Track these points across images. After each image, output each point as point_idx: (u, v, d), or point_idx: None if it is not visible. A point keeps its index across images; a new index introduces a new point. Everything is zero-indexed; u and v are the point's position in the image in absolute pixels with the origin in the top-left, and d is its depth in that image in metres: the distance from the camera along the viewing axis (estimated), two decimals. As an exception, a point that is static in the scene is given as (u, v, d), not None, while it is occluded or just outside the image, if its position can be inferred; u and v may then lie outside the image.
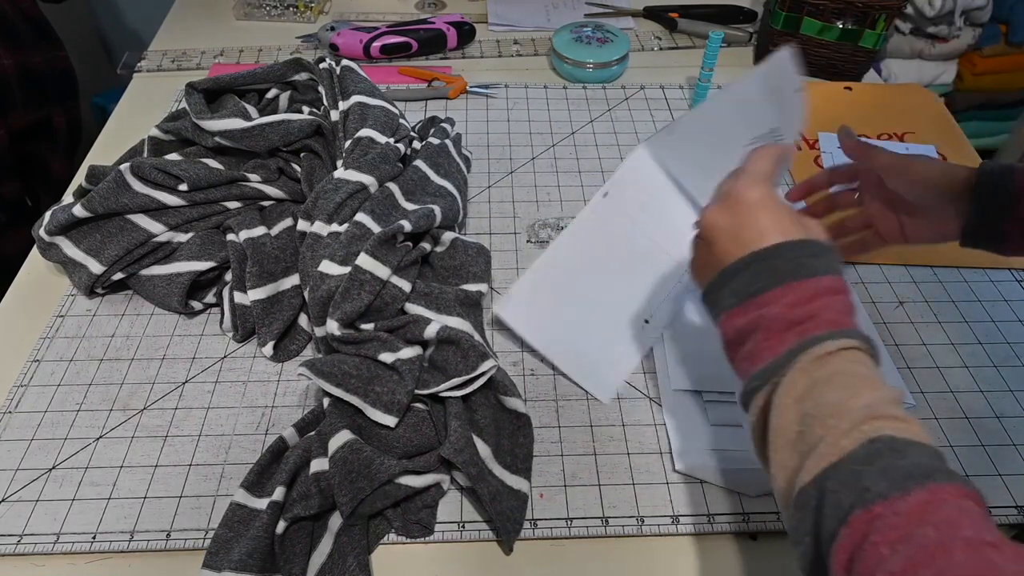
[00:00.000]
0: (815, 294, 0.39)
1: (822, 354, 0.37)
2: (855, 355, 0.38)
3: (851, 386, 0.36)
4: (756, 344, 0.40)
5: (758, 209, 0.43)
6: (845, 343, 0.37)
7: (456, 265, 0.64)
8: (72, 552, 0.50)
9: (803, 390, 0.36)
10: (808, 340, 0.38)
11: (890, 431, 0.33)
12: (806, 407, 0.36)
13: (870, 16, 0.90)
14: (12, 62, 1.00)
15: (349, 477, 0.49)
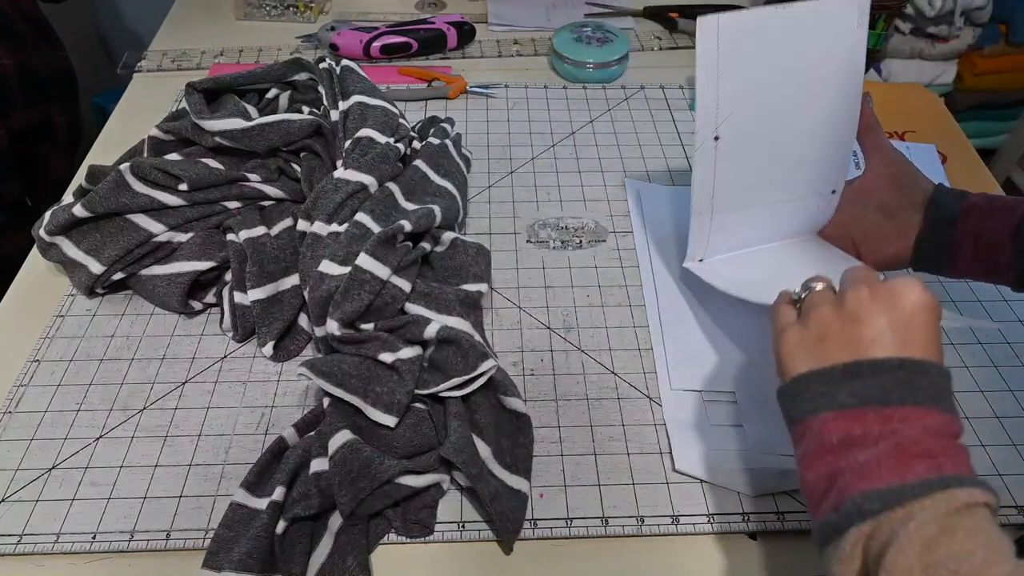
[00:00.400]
0: (950, 433, 0.36)
1: (965, 503, 0.33)
2: (988, 514, 0.34)
3: (996, 548, 0.31)
4: (875, 459, 0.35)
5: (927, 315, 0.38)
6: (985, 497, 0.34)
7: (456, 265, 0.64)
8: (72, 552, 0.50)
9: (936, 537, 0.32)
10: (950, 478, 0.33)
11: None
12: (937, 557, 0.31)
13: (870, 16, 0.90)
14: (12, 62, 1.00)
15: (349, 477, 0.49)
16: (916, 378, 0.36)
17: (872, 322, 0.38)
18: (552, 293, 0.68)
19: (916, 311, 0.38)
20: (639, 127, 0.88)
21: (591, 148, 0.84)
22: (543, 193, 0.78)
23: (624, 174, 0.81)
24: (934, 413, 0.36)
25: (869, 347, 0.38)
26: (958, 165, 0.83)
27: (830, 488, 0.36)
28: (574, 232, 0.74)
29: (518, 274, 0.70)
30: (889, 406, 0.36)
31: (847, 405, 0.37)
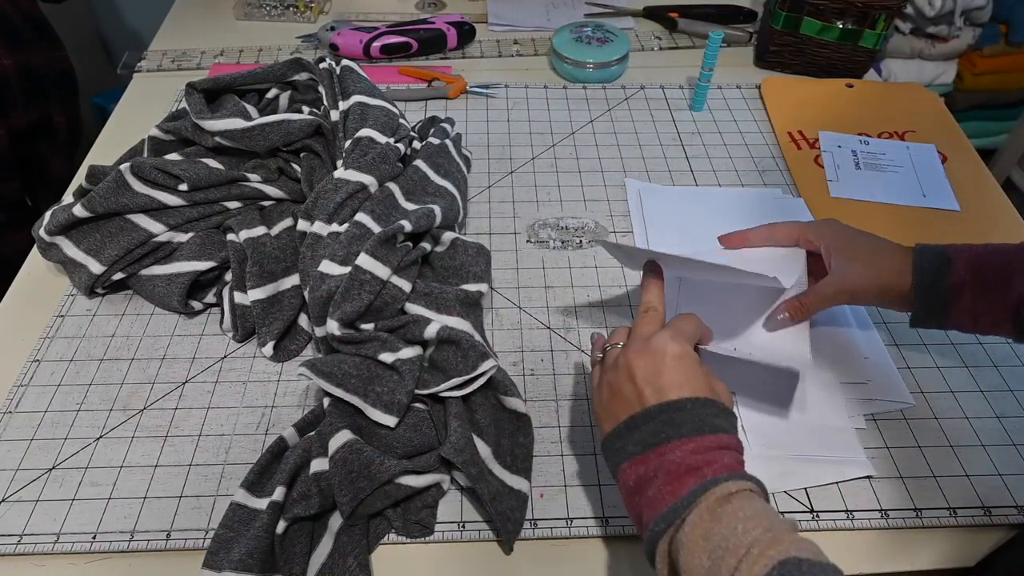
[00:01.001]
0: (713, 447, 0.42)
1: (723, 495, 0.39)
2: (751, 496, 0.40)
3: (754, 518, 0.38)
4: (657, 489, 0.41)
5: (677, 362, 0.45)
6: (743, 484, 0.40)
7: (456, 265, 0.64)
8: (72, 552, 0.50)
9: (709, 527, 0.38)
10: (708, 482, 0.40)
11: (795, 552, 0.36)
12: (714, 542, 0.37)
13: (870, 16, 0.90)
14: (12, 62, 1.00)
15: (349, 477, 0.49)
16: (676, 416, 0.43)
17: (637, 379, 0.45)
18: (552, 293, 0.68)
19: (673, 360, 0.45)
20: (639, 127, 0.88)
21: (591, 148, 0.84)
22: (543, 193, 0.78)
23: (624, 174, 0.81)
24: (696, 439, 0.42)
25: (639, 400, 0.44)
26: (958, 165, 0.83)
27: (641, 524, 0.42)
28: (574, 232, 0.74)
29: (518, 274, 0.70)
30: (660, 445, 0.42)
31: (634, 454, 0.43)
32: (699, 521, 0.38)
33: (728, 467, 0.41)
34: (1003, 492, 0.54)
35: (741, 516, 0.38)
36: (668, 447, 0.42)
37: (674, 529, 0.39)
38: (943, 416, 0.59)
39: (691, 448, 0.41)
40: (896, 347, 0.64)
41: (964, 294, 0.52)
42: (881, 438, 0.57)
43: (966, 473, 0.55)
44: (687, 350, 0.46)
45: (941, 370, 0.62)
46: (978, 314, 0.52)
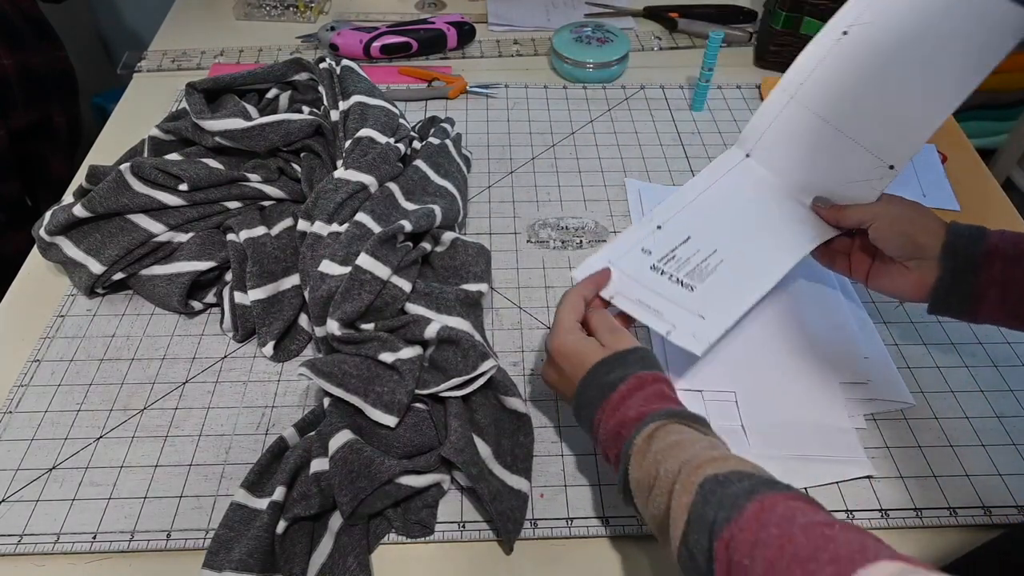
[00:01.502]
0: (619, 402, 0.46)
1: (640, 446, 0.43)
2: (666, 431, 0.44)
3: (670, 455, 0.42)
4: (612, 462, 0.47)
5: (563, 358, 0.51)
6: (651, 428, 0.44)
7: (456, 265, 0.64)
8: (72, 552, 0.50)
9: (643, 482, 0.43)
10: (627, 444, 0.44)
11: (712, 471, 0.39)
12: (652, 494, 0.42)
13: (870, 16, 0.90)
14: (12, 62, 1.00)
15: (349, 477, 0.49)
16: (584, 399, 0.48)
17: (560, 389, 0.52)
18: (552, 293, 0.68)
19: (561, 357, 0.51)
20: (639, 127, 0.88)
21: (591, 148, 0.84)
22: (543, 193, 0.78)
23: (624, 174, 0.81)
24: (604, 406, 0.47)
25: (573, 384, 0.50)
26: (958, 165, 0.83)
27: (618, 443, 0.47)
28: (574, 232, 0.74)
29: (518, 274, 0.70)
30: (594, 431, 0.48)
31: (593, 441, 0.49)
32: (637, 482, 0.43)
33: (638, 417, 0.45)
34: (1003, 492, 0.54)
35: (660, 459, 0.42)
36: (596, 428, 0.47)
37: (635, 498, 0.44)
38: (943, 416, 0.59)
39: (607, 417, 0.46)
40: (896, 347, 0.64)
41: (996, 262, 0.51)
42: (881, 438, 0.57)
43: (966, 473, 0.55)
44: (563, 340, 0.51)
45: (941, 370, 0.62)
46: (1007, 288, 0.51)
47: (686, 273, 0.58)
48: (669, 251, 0.59)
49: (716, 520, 0.37)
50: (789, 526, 0.34)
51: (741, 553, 0.35)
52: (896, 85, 0.55)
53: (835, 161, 0.58)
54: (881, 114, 0.56)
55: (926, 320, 0.66)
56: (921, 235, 0.53)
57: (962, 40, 0.55)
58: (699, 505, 0.38)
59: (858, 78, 0.56)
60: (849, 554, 0.32)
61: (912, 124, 0.56)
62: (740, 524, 0.36)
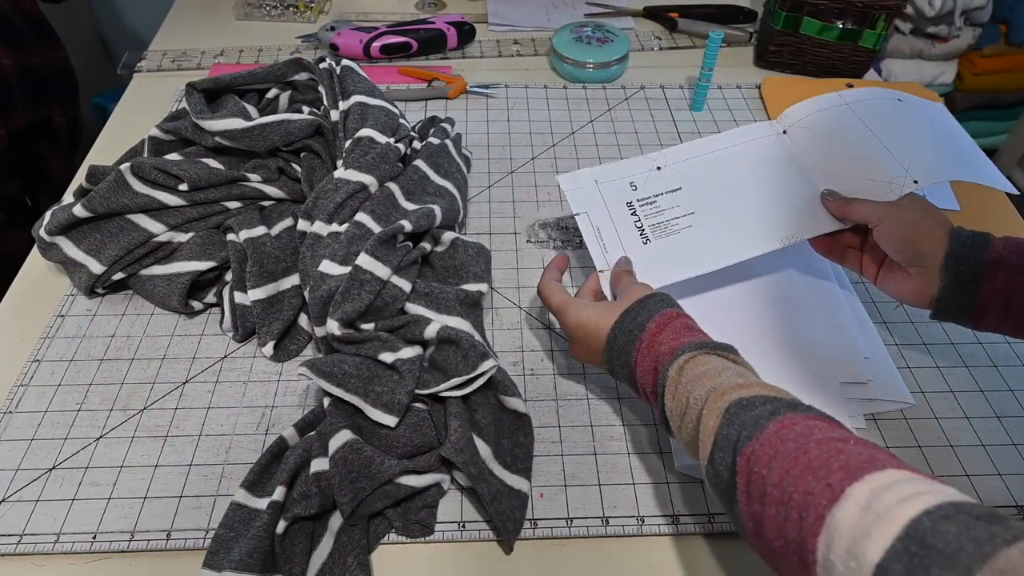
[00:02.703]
0: (651, 340, 0.49)
1: (671, 381, 0.46)
2: (695, 362, 0.46)
3: (698, 385, 0.44)
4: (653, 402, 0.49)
5: (581, 328, 0.54)
6: (681, 360, 0.47)
7: (456, 265, 0.64)
8: (72, 552, 0.50)
9: (676, 411, 0.46)
10: (660, 379, 0.47)
11: (736, 396, 0.42)
12: (685, 420, 0.45)
13: (870, 16, 0.90)
14: (12, 62, 1.00)
15: (349, 477, 0.49)
16: (616, 349, 0.51)
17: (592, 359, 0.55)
18: (552, 293, 0.68)
19: (577, 329, 0.54)
20: (639, 127, 0.88)
21: (591, 148, 0.84)
22: (543, 193, 0.78)
23: (624, 174, 0.81)
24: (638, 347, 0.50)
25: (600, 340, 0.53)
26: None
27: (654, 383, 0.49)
28: (574, 232, 0.74)
29: (518, 274, 0.70)
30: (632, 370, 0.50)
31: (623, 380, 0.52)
32: (671, 410, 0.46)
33: (670, 351, 0.48)
34: (1003, 492, 0.54)
35: (690, 388, 0.45)
36: (635, 367, 0.50)
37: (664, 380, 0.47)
38: (943, 416, 0.59)
39: (643, 355, 0.49)
40: (896, 347, 0.64)
41: (999, 271, 0.50)
42: (881, 438, 0.57)
43: (966, 473, 0.55)
44: (574, 314, 0.55)
45: (941, 370, 0.62)
46: (1010, 296, 0.50)
47: (652, 224, 0.60)
48: (653, 195, 0.61)
49: (739, 439, 0.39)
50: (806, 440, 0.37)
51: (760, 465, 0.37)
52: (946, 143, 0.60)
53: (864, 161, 0.60)
54: (924, 143, 0.60)
55: (926, 320, 0.66)
56: (925, 242, 0.53)
57: None
58: (724, 427, 0.41)
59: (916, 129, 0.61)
60: (859, 463, 0.34)
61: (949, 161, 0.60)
62: (761, 440, 0.38)
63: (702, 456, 0.42)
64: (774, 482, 0.36)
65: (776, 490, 0.36)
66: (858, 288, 0.68)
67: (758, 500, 0.37)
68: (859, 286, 0.69)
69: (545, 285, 0.59)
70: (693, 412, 0.44)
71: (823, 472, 0.34)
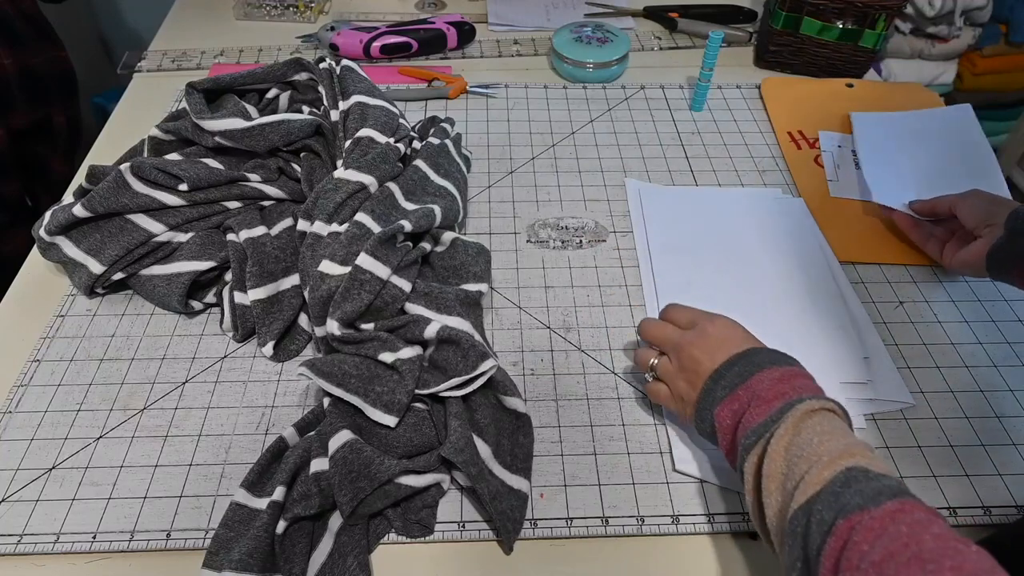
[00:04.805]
0: (793, 375, 0.47)
1: (806, 411, 0.44)
2: (831, 415, 0.44)
3: (830, 433, 0.42)
4: (750, 414, 0.46)
5: (729, 328, 0.53)
6: (825, 404, 0.45)
7: (456, 265, 0.64)
8: (72, 552, 0.50)
9: (790, 439, 0.43)
10: (794, 400, 0.45)
11: (864, 464, 0.39)
12: (792, 452, 0.42)
13: (870, 16, 0.90)
14: (12, 62, 1.00)
15: (349, 477, 0.49)
16: (752, 357, 0.49)
17: (703, 355, 0.51)
18: (552, 293, 0.68)
19: (721, 329, 0.52)
20: (639, 127, 0.88)
21: (591, 148, 0.84)
22: (543, 193, 0.78)
23: (624, 174, 0.81)
24: (776, 369, 0.47)
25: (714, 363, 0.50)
26: (958, 165, 0.83)
27: (735, 451, 0.47)
28: (574, 232, 0.74)
29: (518, 274, 0.70)
30: (747, 380, 0.48)
31: (723, 397, 0.48)
32: (783, 434, 0.43)
33: (810, 390, 0.46)
34: (1003, 492, 0.54)
35: (819, 431, 0.42)
36: (754, 379, 0.47)
37: (764, 441, 0.44)
38: (943, 416, 0.59)
39: (775, 376, 0.47)
40: (896, 347, 0.64)
41: None
42: (881, 438, 0.57)
43: (966, 473, 0.55)
44: (726, 320, 0.53)
45: (941, 370, 0.62)
46: None
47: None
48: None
49: (849, 504, 0.37)
50: (921, 530, 0.34)
51: (862, 537, 0.35)
52: None
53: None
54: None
55: (926, 320, 0.66)
56: (994, 207, 0.62)
57: None
58: (837, 484, 0.38)
59: None
60: (975, 570, 0.31)
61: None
62: (872, 514, 0.36)
63: (796, 499, 0.39)
64: (873, 560, 0.34)
65: (873, 570, 0.33)
66: (858, 288, 0.68)
67: (848, 571, 0.35)
68: (859, 285, 0.69)
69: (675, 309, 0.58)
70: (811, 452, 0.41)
71: (932, 567, 0.32)
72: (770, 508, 0.42)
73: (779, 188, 0.79)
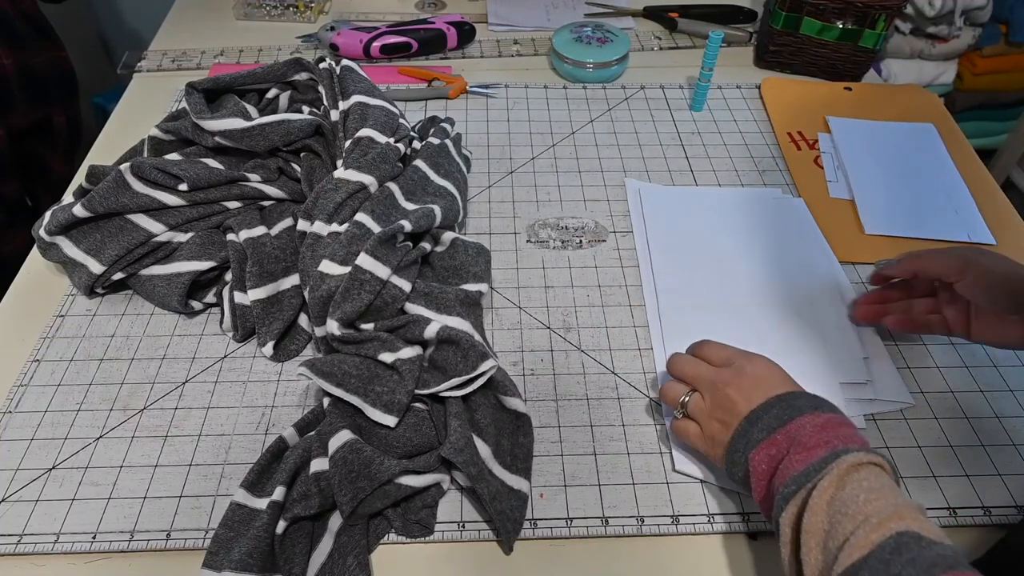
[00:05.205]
0: (837, 423, 0.45)
1: (853, 464, 0.41)
2: (879, 470, 0.42)
3: (879, 491, 0.39)
4: (790, 460, 0.43)
5: (766, 368, 0.50)
6: (872, 458, 0.42)
7: (456, 265, 0.64)
8: (72, 552, 0.50)
9: (834, 492, 0.40)
10: (840, 450, 0.42)
11: (916, 528, 0.37)
12: (835, 507, 0.39)
13: (870, 16, 0.90)
14: (12, 62, 1.00)
15: (349, 477, 0.49)
16: (792, 400, 0.47)
17: (743, 391, 0.49)
18: (552, 293, 0.68)
19: (760, 369, 0.50)
20: (639, 127, 0.88)
21: (591, 148, 0.84)
22: (543, 193, 0.78)
23: (624, 174, 0.81)
24: (819, 415, 0.45)
25: (750, 405, 0.48)
26: (958, 165, 0.83)
27: (770, 500, 0.44)
28: (574, 232, 0.74)
29: (518, 274, 0.70)
30: (787, 424, 0.45)
31: (761, 440, 0.46)
32: (827, 487, 0.40)
33: (856, 441, 0.44)
34: (1003, 492, 0.54)
35: (866, 487, 0.39)
36: (795, 423, 0.45)
37: (805, 492, 0.41)
38: (943, 416, 0.59)
39: (819, 423, 0.44)
40: (896, 347, 0.64)
41: None
42: (881, 438, 0.57)
43: (966, 473, 0.55)
44: (772, 361, 0.51)
45: (941, 370, 0.62)
46: None
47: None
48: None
49: (901, 574, 0.34)
50: None
51: None
52: None
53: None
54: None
55: (926, 320, 0.66)
56: (1018, 288, 0.51)
57: None
58: (887, 550, 0.36)
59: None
60: None
61: None
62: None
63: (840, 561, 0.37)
64: None
65: None
66: (857, 288, 0.68)
67: None
68: (858, 286, 0.69)
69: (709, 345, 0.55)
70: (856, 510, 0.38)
71: None
72: (808, 567, 0.39)
73: (779, 188, 0.79)
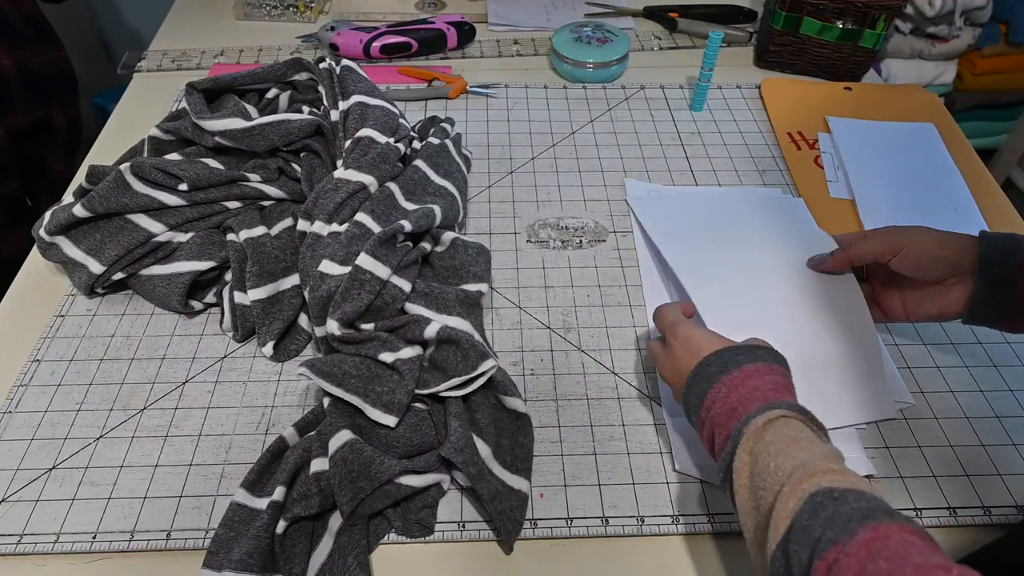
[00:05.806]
0: (744, 378, 0.46)
1: (755, 429, 0.42)
2: (785, 422, 0.42)
3: (784, 451, 0.40)
4: (719, 442, 0.45)
5: (686, 342, 0.51)
6: (773, 414, 0.42)
7: (456, 265, 0.64)
8: (72, 552, 0.50)
9: (749, 467, 0.41)
10: (742, 422, 0.43)
11: (827, 484, 0.37)
12: (755, 482, 0.41)
13: (870, 16, 0.90)
14: (12, 62, 1.00)
15: (349, 477, 0.49)
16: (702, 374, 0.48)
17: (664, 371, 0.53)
18: (552, 293, 0.68)
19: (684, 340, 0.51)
20: (639, 127, 0.88)
21: (591, 148, 0.84)
22: (543, 193, 0.78)
23: (624, 174, 0.81)
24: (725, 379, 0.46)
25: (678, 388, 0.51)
26: (958, 165, 0.83)
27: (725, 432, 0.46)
28: (574, 232, 0.74)
29: (518, 274, 0.70)
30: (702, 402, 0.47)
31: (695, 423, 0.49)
32: (741, 465, 0.42)
33: (762, 399, 0.44)
34: (1003, 492, 0.54)
35: (773, 452, 0.40)
36: (708, 399, 0.46)
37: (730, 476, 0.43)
38: (943, 416, 0.59)
39: (725, 392, 0.46)
40: (896, 347, 0.64)
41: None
42: (881, 438, 0.57)
43: (966, 473, 0.55)
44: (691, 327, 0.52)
45: (941, 370, 0.62)
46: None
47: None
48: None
49: (823, 538, 0.35)
50: (901, 562, 0.32)
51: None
52: None
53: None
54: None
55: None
56: (954, 253, 0.53)
57: None
58: (806, 515, 0.36)
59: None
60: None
61: None
62: (848, 549, 0.34)
63: (771, 537, 0.38)
64: None
65: None
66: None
67: None
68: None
69: (666, 306, 0.57)
70: (771, 482, 0.39)
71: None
72: (754, 545, 0.40)
73: (779, 188, 0.79)
